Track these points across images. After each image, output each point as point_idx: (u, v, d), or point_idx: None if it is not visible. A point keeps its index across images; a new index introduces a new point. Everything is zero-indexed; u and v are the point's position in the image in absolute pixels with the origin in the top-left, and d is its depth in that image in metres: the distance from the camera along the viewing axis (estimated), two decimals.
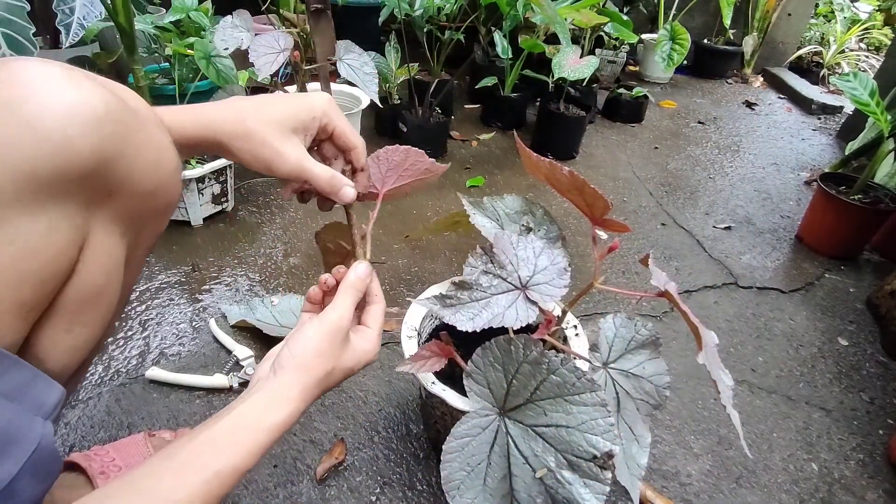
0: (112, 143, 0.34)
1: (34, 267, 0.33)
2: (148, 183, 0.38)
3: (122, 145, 0.35)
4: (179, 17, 1.38)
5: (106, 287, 0.39)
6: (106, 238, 0.38)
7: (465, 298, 0.57)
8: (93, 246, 0.37)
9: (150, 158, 0.38)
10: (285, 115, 0.49)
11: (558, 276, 0.59)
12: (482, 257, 0.59)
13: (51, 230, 0.33)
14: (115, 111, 0.35)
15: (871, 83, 1.37)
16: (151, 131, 0.38)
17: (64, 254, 0.35)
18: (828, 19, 3.29)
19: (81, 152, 0.33)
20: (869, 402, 1.00)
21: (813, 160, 2.04)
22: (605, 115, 2.26)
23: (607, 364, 0.65)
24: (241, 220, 1.34)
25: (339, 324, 0.48)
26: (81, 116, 0.33)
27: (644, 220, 1.53)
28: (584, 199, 0.56)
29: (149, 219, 0.42)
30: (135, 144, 0.36)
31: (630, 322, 0.66)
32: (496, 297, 0.57)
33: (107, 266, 0.38)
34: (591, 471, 0.52)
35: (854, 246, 1.43)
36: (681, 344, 1.08)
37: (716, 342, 0.55)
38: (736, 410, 0.52)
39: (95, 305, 0.39)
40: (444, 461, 0.55)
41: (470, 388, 0.57)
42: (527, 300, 0.57)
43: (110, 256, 0.39)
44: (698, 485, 0.82)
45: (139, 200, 0.39)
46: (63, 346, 0.37)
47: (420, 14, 1.74)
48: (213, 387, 0.88)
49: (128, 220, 0.39)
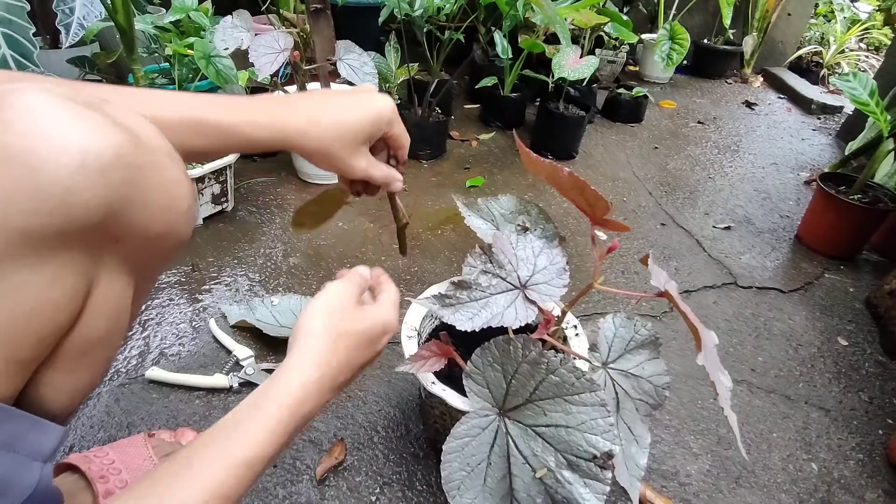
0: (121, 191, 0.32)
1: (33, 324, 0.31)
2: (159, 226, 0.35)
3: (133, 191, 0.32)
4: (179, 17, 1.38)
5: (112, 331, 0.37)
6: (113, 284, 0.36)
7: (465, 298, 0.57)
8: (99, 292, 0.35)
9: (161, 200, 0.35)
10: (358, 127, 0.50)
11: (557, 275, 0.59)
12: (481, 257, 0.59)
13: (53, 283, 0.31)
14: (125, 154, 0.32)
15: (870, 83, 1.37)
16: (165, 167, 0.35)
17: (66, 306, 0.33)
18: (828, 19, 3.29)
19: (87, 205, 0.30)
20: (868, 402, 1.00)
21: (812, 160, 2.04)
22: (604, 114, 2.26)
23: (607, 364, 0.65)
24: (240, 220, 1.34)
25: (342, 288, 0.48)
26: (89, 165, 0.30)
27: (643, 220, 1.53)
28: (584, 200, 0.56)
29: (158, 259, 0.40)
30: (146, 187, 0.33)
31: (629, 322, 0.67)
32: (495, 297, 0.57)
33: (113, 311, 0.36)
34: (590, 470, 0.52)
35: (853, 246, 1.43)
36: (680, 344, 1.08)
37: (715, 342, 0.55)
38: (734, 412, 0.52)
39: (101, 348, 0.37)
40: (444, 461, 0.55)
41: (469, 388, 0.58)
42: (526, 300, 0.57)
43: (117, 301, 0.37)
44: (698, 484, 0.82)
45: (149, 243, 0.36)
46: (66, 389, 0.36)
47: (420, 14, 1.74)
48: (213, 387, 0.88)
49: (136, 263, 0.37)
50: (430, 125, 1.71)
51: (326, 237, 1.30)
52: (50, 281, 0.31)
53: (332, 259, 1.22)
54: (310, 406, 0.43)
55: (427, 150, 1.73)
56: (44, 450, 0.34)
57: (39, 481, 0.33)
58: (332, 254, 1.24)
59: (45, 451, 0.34)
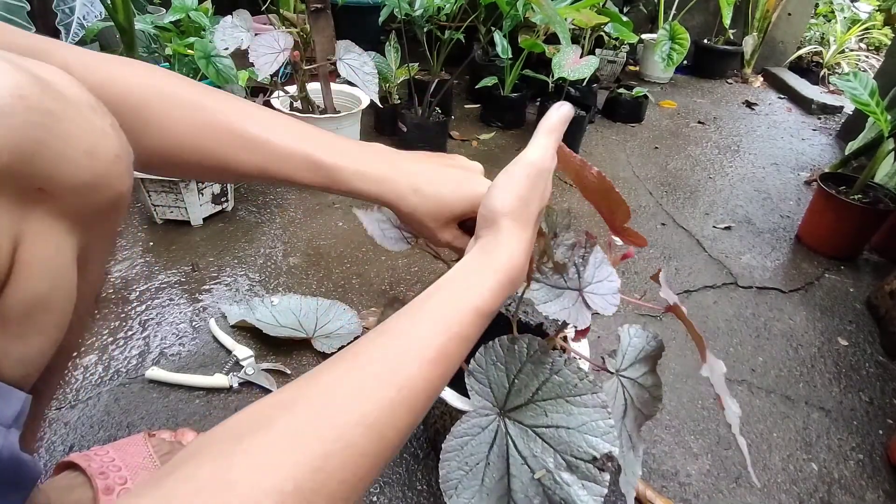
0: (30, 135, 0.30)
1: None
2: (84, 175, 0.34)
3: (46, 136, 0.31)
4: (179, 16, 1.38)
5: (54, 290, 0.36)
6: (45, 239, 0.34)
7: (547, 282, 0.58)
8: (30, 249, 0.33)
9: (83, 148, 0.34)
10: (455, 207, 0.52)
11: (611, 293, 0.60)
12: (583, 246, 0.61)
13: None
14: (29, 97, 0.30)
15: (871, 83, 1.37)
16: (85, 117, 0.34)
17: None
18: (828, 19, 3.29)
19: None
20: (868, 403, 1.00)
21: (813, 160, 2.04)
22: (605, 114, 2.26)
23: (619, 371, 0.65)
24: (240, 220, 1.34)
25: (542, 165, 0.47)
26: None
27: (644, 220, 1.53)
28: (608, 204, 0.56)
29: (96, 214, 0.38)
30: (62, 135, 0.32)
31: (643, 333, 0.67)
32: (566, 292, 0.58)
33: (51, 269, 0.35)
34: (589, 472, 0.52)
35: (854, 246, 1.43)
36: (680, 344, 1.08)
37: (724, 371, 0.55)
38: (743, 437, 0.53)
39: (46, 311, 0.36)
40: (442, 460, 0.55)
41: (471, 386, 0.57)
42: (584, 303, 0.58)
43: (54, 258, 0.35)
44: (697, 484, 0.82)
45: (77, 195, 0.35)
46: (17, 355, 0.35)
47: (420, 14, 1.74)
48: (213, 387, 0.88)
49: (70, 217, 0.35)
50: (430, 125, 1.71)
51: (326, 237, 1.30)
52: None
53: (331, 259, 1.22)
54: (522, 267, 0.45)
55: (427, 150, 1.72)
56: (5, 415, 0.33)
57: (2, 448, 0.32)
58: (332, 253, 1.24)
59: (5, 416, 0.33)
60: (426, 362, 0.37)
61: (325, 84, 1.49)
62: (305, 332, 0.98)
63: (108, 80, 0.46)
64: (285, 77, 1.91)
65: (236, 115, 0.50)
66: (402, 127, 1.70)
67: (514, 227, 0.45)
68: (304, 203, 1.43)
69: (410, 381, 0.36)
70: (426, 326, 0.39)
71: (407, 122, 1.68)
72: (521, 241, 0.45)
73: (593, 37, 2.17)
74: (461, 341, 0.39)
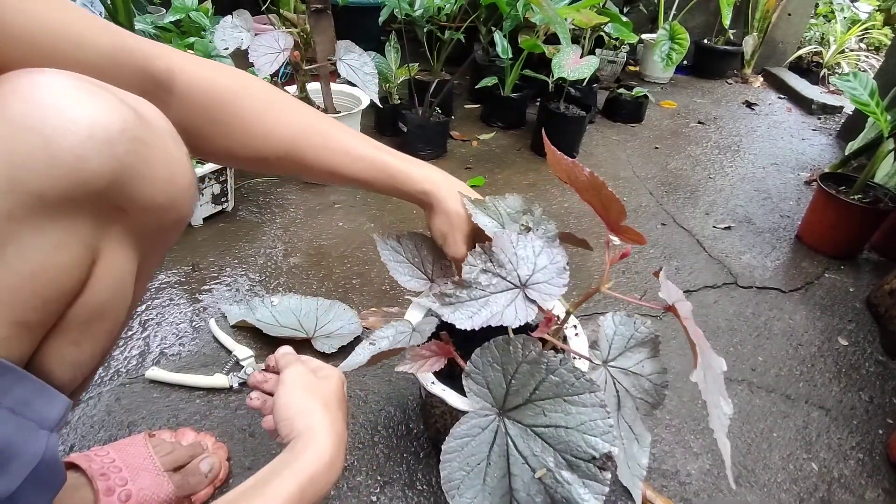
0: (127, 161, 0.34)
1: (39, 285, 0.32)
2: (161, 199, 0.38)
3: (137, 163, 0.35)
4: (179, 16, 1.38)
5: (115, 302, 0.39)
6: (117, 254, 0.37)
7: (465, 297, 0.57)
8: (104, 262, 0.36)
9: (164, 175, 0.37)
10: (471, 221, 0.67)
11: (557, 275, 0.59)
12: (481, 256, 0.59)
13: (60, 247, 0.33)
14: (131, 128, 0.34)
15: (871, 83, 1.37)
16: (167, 146, 0.38)
17: (72, 272, 0.34)
18: (828, 19, 3.29)
19: (95, 173, 0.32)
20: (868, 402, 1.00)
21: (813, 160, 2.04)
22: (605, 114, 2.26)
23: (607, 362, 0.65)
24: (241, 220, 1.34)
25: (299, 370, 0.57)
26: (97, 136, 0.32)
27: (644, 220, 1.53)
28: (601, 201, 0.56)
29: (160, 233, 0.41)
30: (149, 161, 0.36)
31: (629, 320, 0.67)
32: (495, 296, 0.57)
33: (117, 282, 0.38)
34: (589, 471, 0.52)
35: (854, 245, 1.43)
36: (680, 342, 1.08)
37: (724, 369, 0.54)
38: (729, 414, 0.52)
39: (104, 320, 0.38)
40: (443, 461, 0.55)
41: (469, 387, 0.58)
42: (526, 299, 0.57)
43: (121, 272, 0.38)
44: (698, 484, 0.82)
45: (152, 216, 0.38)
46: (70, 360, 0.37)
47: (420, 14, 1.74)
48: (213, 387, 0.88)
49: (139, 236, 0.39)
50: (430, 125, 1.71)
51: (327, 237, 1.30)
52: (57, 245, 0.33)
53: (332, 259, 1.22)
54: (338, 467, 0.51)
55: (428, 150, 1.73)
56: (51, 417, 0.35)
57: (46, 450, 0.33)
58: (333, 253, 1.24)
59: (51, 419, 0.35)
60: None
61: (326, 84, 1.49)
62: (306, 332, 0.98)
63: (210, 80, 0.52)
64: (285, 77, 1.91)
65: (320, 120, 0.60)
66: (403, 127, 1.70)
67: (319, 418, 0.53)
68: (305, 203, 1.43)
69: None
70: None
71: (407, 122, 1.68)
72: (327, 422, 0.52)
73: (593, 37, 2.16)
74: None
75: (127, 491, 0.61)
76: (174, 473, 0.67)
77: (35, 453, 0.33)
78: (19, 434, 0.32)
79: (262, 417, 0.59)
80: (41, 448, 0.33)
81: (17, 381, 0.33)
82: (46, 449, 0.33)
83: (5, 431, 0.31)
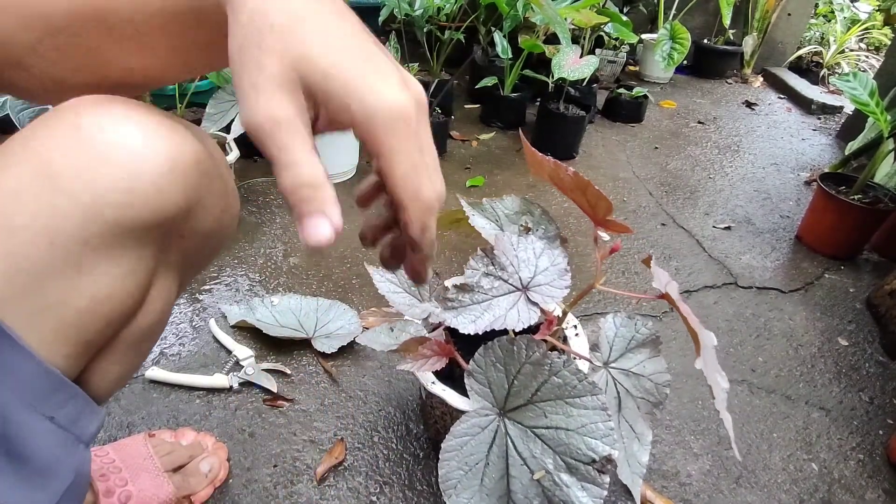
0: (196, 193, 0.35)
1: (107, 309, 0.33)
2: (212, 225, 0.39)
3: (202, 195, 0.36)
4: None
5: (161, 324, 0.40)
6: (168, 277, 0.38)
7: (467, 301, 0.57)
8: (158, 286, 0.37)
9: (221, 204, 0.39)
10: None
11: (559, 276, 0.59)
12: (483, 259, 0.59)
13: (127, 275, 0.34)
14: (202, 161, 0.35)
15: (870, 83, 1.37)
16: (225, 177, 0.40)
17: (134, 296, 0.35)
18: (828, 19, 3.29)
19: (170, 203, 0.33)
20: (868, 402, 1.00)
21: (813, 160, 2.04)
22: (605, 114, 2.26)
23: (608, 363, 0.65)
24: (241, 220, 1.34)
25: None
26: (175, 169, 0.33)
27: (644, 220, 1.53)
28: (587, 200, 0.56)
29: (203, 258, 0.43)
30: (212, 192, 0.37)
31: (630, 321, 0.67)
32: (497, 299, 0.57)
33: (165, 304, 0.39)
34: (588, 474, 0.52)
35: (853, 246, 1.43)
36: (680, 343, 1.08)
37: (714, 343, 0.55)
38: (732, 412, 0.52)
39: (150, 340, 0.40)
40: (442, 460, 0.55)
41: (471, 387, 0.58)
42: (528, 301, 0.57)
43: (169, 294, 0.39)
44: (698, 484, 0.82)
45: (201, 240, 0.39)
46: (112, 377, 0.38)
47: (420, 14, 1.74)
48: (213, 387, 0.88)
49: (184, 258, 0.40)
50: (430, 125, 1.71)
51: None
52: (126, 271, 0.34)
53: (332, 259, 1.22)
54: None
55: None
56: (89, 432, 0.35)
57: (83, 465, 0.34)
58: (333, 253, 1.24)
59: (89, 433, 0.35)
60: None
61: None
62: (306, 332, 0.98)
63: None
64: None
65: None
66: None
67: None
68: None
69: None
70: None
71: None
72: None
73: (593, 37, 2.16)
74: None
75: (127, 492, 0.61)
76: (174, 474, 0.67)
77: (74, 468, 0.33)
78: (64, 449, 0.33)
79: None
80: (79, 462, 0.34)
81: (71, 398, 0.33)
82: (83, 463, 0.34)
83: (54, 448, 0.32)
